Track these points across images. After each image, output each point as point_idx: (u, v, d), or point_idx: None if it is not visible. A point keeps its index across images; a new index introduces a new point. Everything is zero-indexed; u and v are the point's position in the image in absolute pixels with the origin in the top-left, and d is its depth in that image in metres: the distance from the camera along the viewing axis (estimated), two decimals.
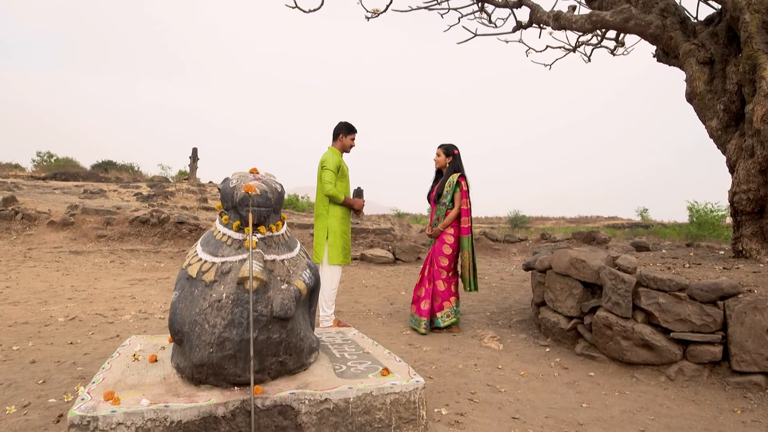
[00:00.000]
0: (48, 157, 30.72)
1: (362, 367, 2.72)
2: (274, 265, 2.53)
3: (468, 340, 4.56)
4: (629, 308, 3.60)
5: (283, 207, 13.15)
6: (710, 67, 4.84)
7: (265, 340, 2.36)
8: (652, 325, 3.56)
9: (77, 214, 10.10)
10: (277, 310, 2.36)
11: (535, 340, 4.49)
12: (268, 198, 2.48)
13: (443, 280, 4.85)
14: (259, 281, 2.35)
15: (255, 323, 2.34)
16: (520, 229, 24.49)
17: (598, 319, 3.77)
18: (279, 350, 2.42)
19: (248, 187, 2.24)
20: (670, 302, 3.45)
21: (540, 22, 6.49)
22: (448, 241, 4.84)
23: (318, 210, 4.77)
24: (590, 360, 3.90)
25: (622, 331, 3.61)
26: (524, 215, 29.59)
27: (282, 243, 2.64)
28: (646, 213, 29.77)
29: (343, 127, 4.81)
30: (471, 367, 3.80)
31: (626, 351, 3.61)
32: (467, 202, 4.78)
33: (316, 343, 2.65)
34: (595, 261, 3.98)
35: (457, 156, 4.96)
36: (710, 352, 3.36)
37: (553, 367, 3.85)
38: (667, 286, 3.47)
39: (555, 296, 4.34)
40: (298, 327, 2.50)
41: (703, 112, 4.83)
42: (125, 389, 2.36)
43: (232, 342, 2.30)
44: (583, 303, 4.03)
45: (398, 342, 4.47)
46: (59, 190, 16.70)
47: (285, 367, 2.48)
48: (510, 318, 5.38)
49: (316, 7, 8.00)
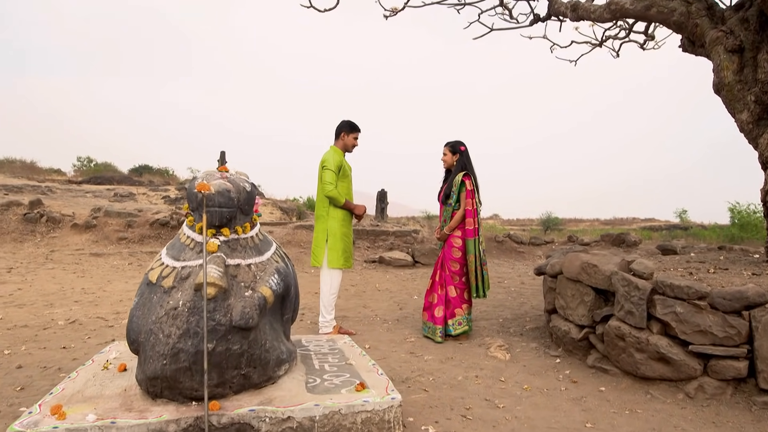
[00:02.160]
0: (87, 161, 31.66)
1: (338, 381, 2.52)
2: (238, 270, 2.35)
3: (474, 349, 4.29)
4: (643, 318, 3.28)
5: (313, 209, 12.92)
6: (740, 55, 4.45)
7: (224, 351, 2.19)
8: (669, 336, 3.23)
9: (100, 216, 10.23)
10: (237, 319, 2.18)
11: (545, 350, 4.20)
12: (231, 198, 2.31)
13: (455, 286, 4.60)
14: (218, 288, 2.18)
15: (213, 333, 2.16)
16: (552, 231, 23.86)
17: (610, 329, 3.47)
18: (241, 362, 2.24)
19: (201, 186, 2.06)
20: (688, 312, 3.13)
21: (558, 13, 6.16)
22: (457, 245, 4.59)
23: (318, 211, 4.59)
24: (602, 373, 3.59)
25: (635, 343, 3.30)
26: (556, 217, 28.87)
27: (250, 246, 2.47)
28: (685, 214, 28.62)
29: (345, 126, 4.62)
30: (471, 379, 3.54)
31: (640, 364, 3.30)
32: (472, 203, 4.52)
33: (287, 354, 2.46)
34: (607, 265, 3.67)
35: (464, 153, 4.70)
36: (734, 367, 3.02)
37: (560, 380, 3.56)
38: (686, 294, 3.15)
39: (566, 303, 4.04)
40: (263, 337, 2.31)
41: (732, 104, 4.45)
42: (79, 402, 2.22)
43: (187, 353, 2.13)
44: (595, 311, 3.72)
45: (399, 350, 4.24)
46: (91, 194, 17.08)
47: (249, 381, 2.30)
48: (523, 325, 5.08)
49: (332, 6, 7.86)
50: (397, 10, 8.40)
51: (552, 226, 26.39)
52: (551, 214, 28.12)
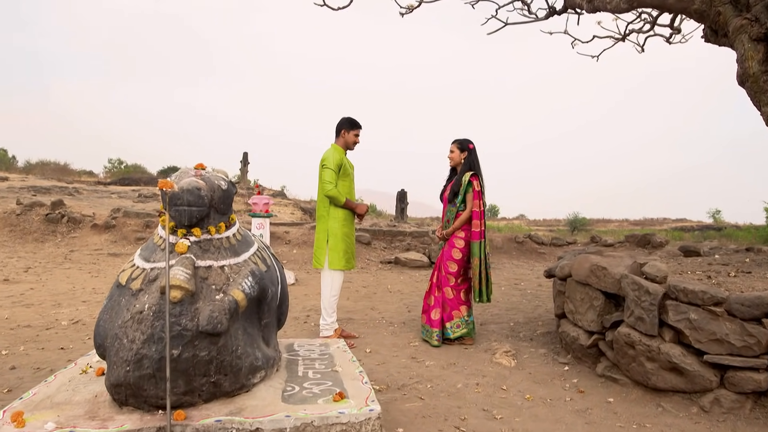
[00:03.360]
0: (117, 163, 32.36)
1: (318, 390, 2.38)
2: (209, 273, 2.24)
3: (479, 354, 4.11)
4: (654, 324, 3.06)
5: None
6: (765, 44, 4.16)
7: (191, 358, 2.07)
8: (682, 345, 3.01)
9: (119, 217, 10.34)
10: (204, 324, 2.07)
11: (554, 357, 3.99)
12: (201, 197, 2.20)
13: (452, 287, 4.43)
14: (183, 290, 2.07)
15: (178, 339, 2.05)
16: (580, 231, 23.29)
17: (619, 336, 3.25)
18: (209, 369, 2.12)
19: (163, 183, 1.96)
20: (703, 318, 2.89)
21: (573, 5, 5.91)
22: (458, 245, 4.42)
23: (319, 211, 4.47)
24: (611, 383, 3.37)
25: (646, 351, 3.07)
26: (584, 217, 28.23)
27: (225, 247, 2.35)
28: (719, 215, 27.68)
29: (345, 123, 4.48)
30: (471, 387, 3.37)
31: (651, 375, 3.08)
32: (479, 204, 4.34)
33: (263, 361, 2.33)
34: (617, 268, 3.45)
35: (472, 151, 4.53)
36: (753, 380, 2.78)
37: (567, 389, 3.35)
38: (700, 299, 2.92)
39: (575, 307, 3.83)
40: (234, 343, 2.19)
41: (758, 96, 4.16)
42: (45, 408, 2.14)
43: (151, 360, 2.03)
44: (605, 316, 3.50)
45: (401, 355, 4.09)
46: (116, 195, 17.38)
47: (220, 389, 2.18)
48: (534, 330, 4.87)
49: (345, 4, 7.75)
50: (413, 7, 8.24)
51: (579, 226, 25.80)
52: (578, 215, 27.51)
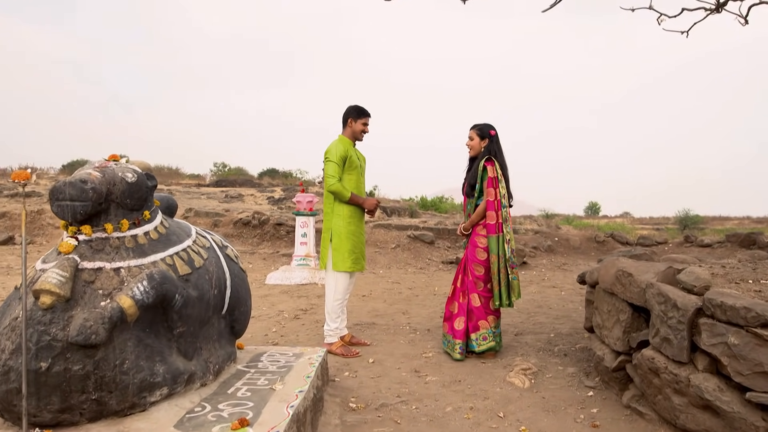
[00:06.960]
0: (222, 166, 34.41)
1: (228, 413, 2.06)
2: (98, 276, 1.99)
3: (494, 371, 3.57)
4: (683, 348, 2.39)
5: (425, 208, 12.45)
6: None
7: (63, 372, 1.83)
8: (720, 376, 2.32)
9: (190, 216, 10.75)
10: (74, 334, 1.82)
11: (581, 379, 3.35)
12: (85, 190, 1.95)
13: (479, 294, 3.90)
14: (54, 296, 1.84)
15: (48, 350, 1.82)
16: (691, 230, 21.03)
17: (643, 360, 2.60)
18: (87, 385, 1.87)
19: (16, 174, 1.72)
20: (746, 344, 2.19)
21: None
22: (481, 244, 3.88)
23: (324, 208, 4.14)
24: (637, 418, 2.72)
25: (672, 382, 2.41)
26: (696, 215, 25.49)
27: (127, 247, 2.10)
28: None
29: (352, 111, 4.11)
30: (462, 412, 2.87)
31: (679, 412, 2.41)
32: (494, 193, 3.78)
33: (163, 376, 2.04)
34: (645, 274, 2.78)
35: (494, 138, 3.98)
36: None
37: (578, 422, 2.75)
38: (743, 318, 2.21)
39: (602, 321, 3.18)
40: (118, 356, 1.92)
41: None
42: None
43: (17, 373, 1.81)
44: (632, 334, 2.84)
45: (404, 368, 3.65)
46: (205, 196, 18.29)
47: (106, 407, 1.92)
48: (574, 343, 4.20)
49: None
50: None
51: (691, 224, 23.31)
52: (689, 212, 24.89)
